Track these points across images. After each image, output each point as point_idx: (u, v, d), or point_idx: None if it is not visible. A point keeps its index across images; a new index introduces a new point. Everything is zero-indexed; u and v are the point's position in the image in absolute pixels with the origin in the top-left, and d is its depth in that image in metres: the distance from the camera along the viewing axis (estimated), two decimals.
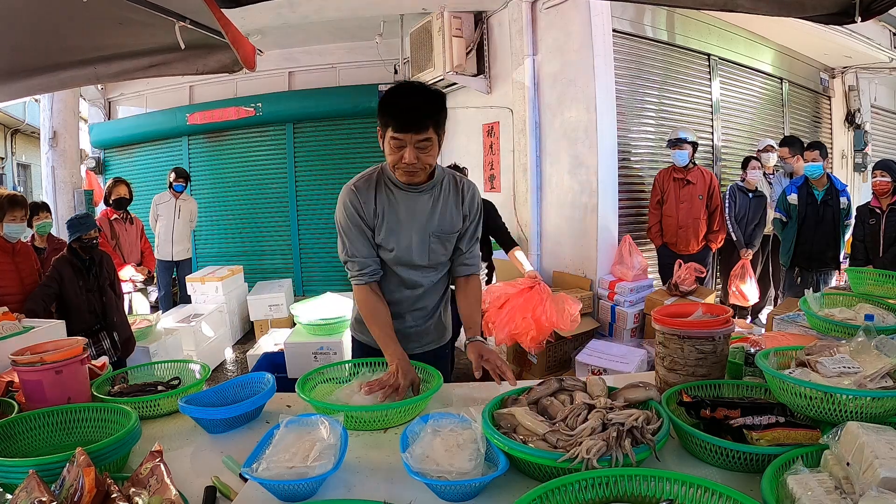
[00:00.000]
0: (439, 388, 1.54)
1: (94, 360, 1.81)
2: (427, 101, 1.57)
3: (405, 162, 1.57)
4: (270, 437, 1.22)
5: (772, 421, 1.15)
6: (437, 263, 1.78)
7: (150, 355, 3.94)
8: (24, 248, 3.29)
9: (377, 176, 1.72)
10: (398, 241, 1.71)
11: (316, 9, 5.24)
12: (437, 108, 1.59)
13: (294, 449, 1.16)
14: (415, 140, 1.55)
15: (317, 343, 3.51)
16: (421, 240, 1.72)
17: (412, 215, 1.70)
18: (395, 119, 1.54)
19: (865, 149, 7.04)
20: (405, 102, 1.55)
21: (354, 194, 1.68)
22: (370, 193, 1.69)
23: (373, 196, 1.69)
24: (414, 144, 1.56)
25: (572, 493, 0.97)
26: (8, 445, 1.30)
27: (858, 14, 1.69)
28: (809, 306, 1.80)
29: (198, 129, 7.07)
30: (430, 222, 1.72)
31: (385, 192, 1.70)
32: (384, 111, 1.56)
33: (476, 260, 1.86)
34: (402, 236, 1.71)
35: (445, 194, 1.74)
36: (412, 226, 1.71)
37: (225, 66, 2.21)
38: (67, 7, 1.84)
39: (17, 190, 11.11)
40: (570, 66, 4.33)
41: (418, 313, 1.84)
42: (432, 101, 1.58)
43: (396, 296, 1.79)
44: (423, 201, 1.71)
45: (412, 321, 1.84)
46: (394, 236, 1.70)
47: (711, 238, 4.55)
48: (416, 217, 1.70)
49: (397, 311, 1.80)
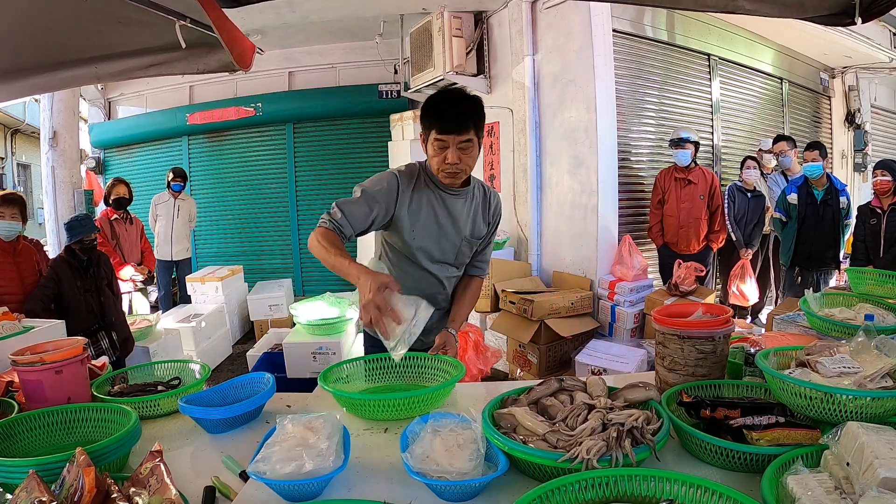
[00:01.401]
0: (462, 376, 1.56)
1: (94, 360, 1.81)
2: (468, 105, 1.65)
3: (448, 162, 1.64)
4: (271, 436, 1.22)
5: (772, 421, 1.15)
6: (461, 263, 1.90)
7: (149, 355, 3.94)
8: (25, 248, 3.29)
9: (419, 173, 1.77)
10: (435, 241, 1.78)
11: (316, 9, 5.24)
12: (478, 111, 1.67)
13: (297, 448, 1.16)
14: (457, 141, 1.63)
15: (316, 343, 3.51)
16: (454, 241, 1.81)
17: (450, 217, 1.78)
18: (439, 121, 1.62)
19: (865, 149, 7.04)
20: (448, 106, 1.64)
21: (396, 179, 1.71)
22: (410, 186, 1.73)
23: (410, 190, 1.73)
24: (456, 146, 1.63)
25: (572, 493, 0.97)
26: (8, 445, 1.30)
27: (858, 15, 1.69)
28: (809, 306, 1.80)
29: (198, 129, 7.07)
30: (466, 226, 1.82)
31: (426, 191, 1.75)
32: (428, 114, 1.65)
33: (486, 265, 1.98)
34: (439, 236, 1.78)
35: (477, 201, 1.84)
36: (449, 227, 1.78)
37: (226, 66, 2.21)
38: (67, 6, 1.84)
39: (18, 190, 11.12)
40: (570, 66, 4.33)
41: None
42: (473, 105, 1.66)
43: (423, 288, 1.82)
44: (460, 205, 1.79)
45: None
46: (431, 235, 1.77)
47: (712, 238, 4.55)
48: (454, 219, 1.79)
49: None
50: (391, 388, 1.70)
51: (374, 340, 1.92)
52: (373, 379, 1.73)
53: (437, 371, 1.70)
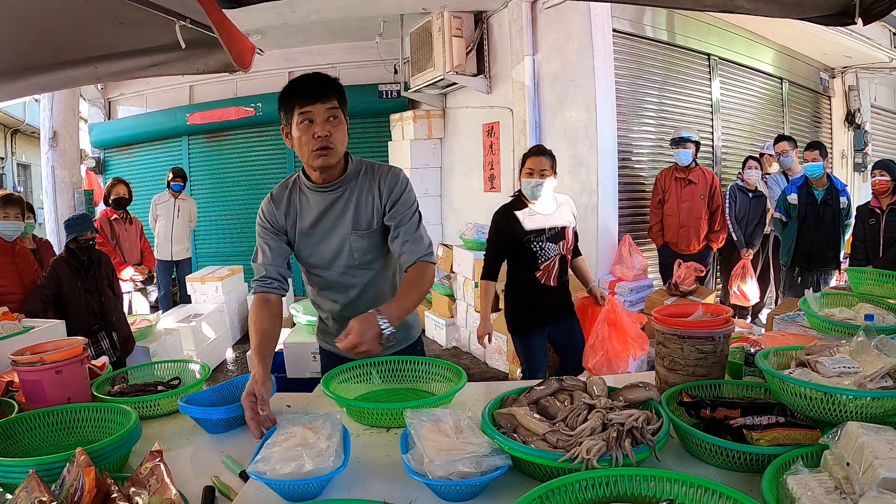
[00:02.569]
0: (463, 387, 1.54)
1: (94, 360, 1.81)
2: (327, 78, 1.60)
3: (318, 136, 1.55)
4: (271, 436, 1.22)
5: (772, 421, 1.15)
6: (367, 262, 1.72)
7: (149, 355, 3.94)
8: (24, 248, 3.29)
9: (293, 181, 1.72)
10: (317, 245, 1.70)
11: (316, 9, 5.24)
12: (338, 86, 1.62)
13: (297, 448, 1.16)
14: (323, 111, 1.55)
15: (316, 343, 3.50)
16: (341, 240, 1.69)
17: (327, 216, 1.68)
18: (300, 94, 1.56)
19: (865, 149, 7.04)
20: (307, 79, 1.59)
21: (269, 202, 1.70)
22: (283, 197, 1.69)
23: (286, 201, 1.69)
24: (324, 118, 1.56)
25: (572, 493, 0.97)
26: (8, 445, 1.30)
27: (858, 15, 1.69)
28: (809, 306, 1.80)
29: (198, 129, 7.07)
30: (344, 221, 1.67)
31: (301, 197, 1.69)
32: (289, 94, 1.59)
33: (419, 245, 1.67)
34: (320, 239, 1.69)
35: (361, 187, 1.69)
36: (329, 227, 1.68)
37: (226, 66, 2.21)
38: (67, 6, 1.84)
39: (17, 190, 11.12)
40: (570, 65, 4.33)
41: None
42: (333, 80, 1.61)
43: (338, 301, 1.77)
44: (331, 201, 1.68)
45: None
46: (312, 241, 1.69)
47: (712, 238, 4.55)
48: (331, 217, 1.68)
49: (343, 315, 1.74)
50: (391, 391, 1.69)
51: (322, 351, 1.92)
52: (372, 381, 1.72)
53: (438, 376, 1.69)
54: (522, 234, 2.70)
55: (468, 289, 4.79)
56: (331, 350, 1.85)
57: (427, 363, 1.71)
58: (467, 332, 4.97)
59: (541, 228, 2.70)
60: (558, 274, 2.75)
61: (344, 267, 1.71)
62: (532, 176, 2.67)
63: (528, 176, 2.68)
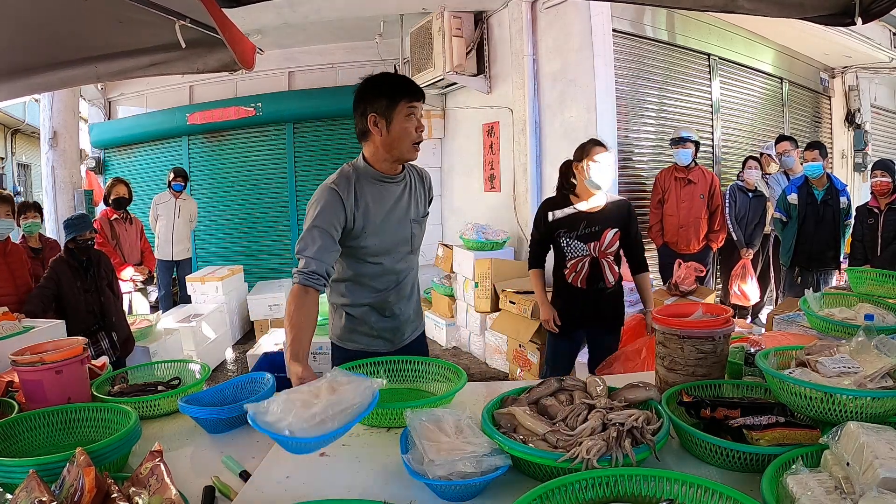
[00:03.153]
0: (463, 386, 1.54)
1: (94, 360, 1.81)
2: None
3: (419, 130, 1.69)
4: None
5: (772, 421, 1.15)
6: (417, 247, 1.88)
7: (150, 355, 3.94)
8: (16, 248, 3.27)
9: (354, 173, 1.75)
10: (387, 233, 1.76)
11: (316, 9, 5.24)
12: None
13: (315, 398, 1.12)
14: (420, 109, 1.70)
15: (316, 343, 3.51)
16: (403, 227, 1.80)
17: (393, 206, 1.77)
18: (408, 87, 1.67)
19: (865, 149, 7.04)
20: (405, 77, 1.74)
21: (336, 192, 1.68)
22: (350, 190, 1.71)
23: (352, 193, 1.71)
24: (418, 116, 1.69)
25: (572, 493, 0.97)
26: (8, 445, 1.30)
27: (858, 15, 1.69)
28: (809, 306, 1.80)
29: (198, 129, 7.07)
30: (410, 209, 1.82)
31: (366, 188, 1.73)
32: (393, 86, 1.67)
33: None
34: (391, 227, 1.77)
35: (414, 182, 1.86)
36: (395, 215, 1.78)
37: (226, 65, 2.21)
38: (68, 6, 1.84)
39: (18, 190, 11.12)
40: (570, 65, 4.33)
41: (404, 302, 1.90)
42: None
43: (387, 288, 1.83)
44: (400, 191, 1.80)
45: (402, 310, 1.89)
46: (379, 228, 1.74)
47: (712, 238, 4.55)
48: (397, 207, 1.78)
49: (388, 302, 1.84)
50: (391, 391, 1.70)
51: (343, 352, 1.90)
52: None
53: (438, 376, 1.69)
54: (553, 228, 2.63)
55: (468, 289, 4.80)
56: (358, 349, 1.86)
57: (427, 363, 1.72)
58: (467, 332, 4.97)
59: (573, 224, 2.60)
60: (588, 276, 2.60)
61: (403, 253, 1.83)
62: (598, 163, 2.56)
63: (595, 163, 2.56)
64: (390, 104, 1.65)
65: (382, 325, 1.86)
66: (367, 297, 1.83)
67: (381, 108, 1.66)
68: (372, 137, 1.70)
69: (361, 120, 1.70)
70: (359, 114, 1.70)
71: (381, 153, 1.72)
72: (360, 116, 1.70)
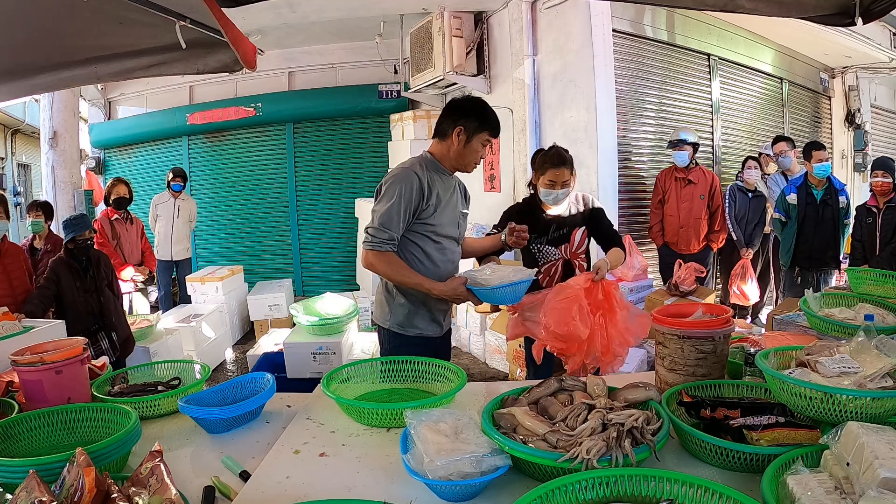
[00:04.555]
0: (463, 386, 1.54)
1: (94, 361, 1.81)
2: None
3: (482, 157, 2.10)
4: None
5: (772, 421, 1.15)
6: (462, 238, 2.19)
7: (150, 355, 3.94)
8: (13, 248, 3.25)
9: (427, 165, 2.04)
10: (450, 218, 2.07)
11: (316, 9, 5.24)
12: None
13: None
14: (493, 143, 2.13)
15: (316, 343, 3.51)
16: (456, 216, 2.11)
17: (450, 197, 2.07)
18: (494, 127, 2.07)
19: (865, 149, 7.04)
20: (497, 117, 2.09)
21: (417, 177, 1.95)
22: (425, 177, 1.98)
23: (427, 180, 1.99)
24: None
25: (572, 493, 0.97)
26: (8, 445, 1.30)
27: (858, 15, 1.69)
28: (809, 306, 1.80)
29: (198, 129, 7.07)
30: (458, 204, 2.13)
31: (435, 178, 2.02)
32: (487, 119, 2.04)
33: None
34: (452, 212, 2.07)
35: (459, 183, 2.20)
36: (451, 205, 2.08)
37: (225, 66, 2.21)
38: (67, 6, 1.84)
39: (18, 190, 11.12)
40: (570, 66, 4.33)
41: None
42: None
43: (445, 270, 2.08)
44: (454, 186, 2.12)
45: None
46: (449, 214, 2.05)
47: (712, 238, 4.55)
48: (452, 198, 2.09)
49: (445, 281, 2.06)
50: (391, 391, 1.70)
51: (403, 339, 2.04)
52: (374, 382, 1.72)
53: (438, 376, 1.69)
54: None
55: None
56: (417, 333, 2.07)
57: (427, 363, 1.72)
58: (467, 332, 4.97)
59: (544, 229, 2.57)
60: (562, 279, 2.50)
61: (456, 239, 2.14)
62: (554, 187, 2.50)
63: (550, 187, 2.50)
64: (478, 128, 2.01)
65: (439, 307, 2.09)
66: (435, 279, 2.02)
67: (471, 127, 2.00)
68: (449, 141, 2.02)
69: (450, 124, 2.01)
70: (450, 119, 2.02)
71: (449, 156, 2.04)
72: (450, 121, 2.02)
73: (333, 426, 1.45)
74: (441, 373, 1.68)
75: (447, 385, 1.62)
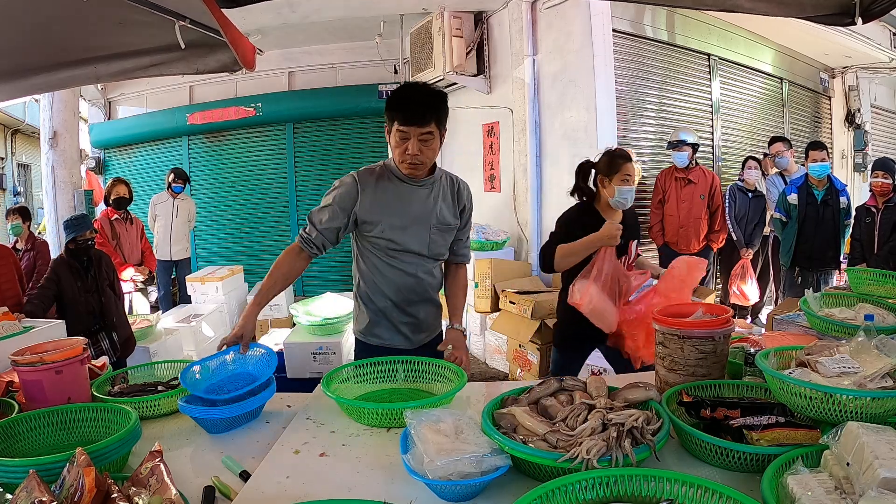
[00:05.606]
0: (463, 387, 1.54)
1: (94, 361, 1.81)
2: (430, 99, 1.73)
3: (409, 153, 1.71)
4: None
5: (772, 421, 1.15)
6: (437, 254, 1.90)
7: (150, 355, 3.94)
8: (2, 249, 3.25)
9: (380, 169, 1.84)
10: (403, 231, 1.81)
11: (316, 9, 5.24)
12: (439, 105, 1.74)
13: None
14: (418, 133, 1.69)
15: (316, 343, 3.51)
16: (422, 230, 1.84)
17: (413, 207, 1.82)
18: (400, 113, 1.69)
19: (865, 149, 7.04)
20: (411, 99, 1.71)
21: (354, 179, 1.79)
22: (371, 182, 1.80)
23: (374, 185, 1.79)
24: (417, 137, 1.69)
25: (572, 493, 0.97)
26: (8, 445, 1.30)
27: (858, 15, 1.69)
28: (809, 306, 1.80)
29: (198, 129, 7.07)
30: (431, 215, 1.84)
31: (390, 184, 1.81)
32: (391, 106, 1.71)
33: (468, 251, 2.05)
34: (408, 226, 1.82)
35: (444, 191, 1.89)
36: (413, 217, 1.82)
37: (225, 66, 2.21)
38: (67, 6, 1.85)
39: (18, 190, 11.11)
40: (570, 66, 4.33)
41: (424, 305, 1.93)
42: (434, 99, 1.74)
43: (406, 285, 1.87)
44: (424, 195, 1.84)
45: (419, 311, 1.92)
46: (396, 226, 1.80)
47: (712, 238, 4.56)
48: (417, 209, 1.83)
49: (409, 300, 1.89)
50: (391, 391, 1.70)
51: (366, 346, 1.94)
52: (374, 382, 1.72)
53: (438, 376, 1.69)
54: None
55: (468, 289, 4.79)
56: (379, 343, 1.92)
57: (427, 363, 1.72)
58: (467, 332, 4.97)
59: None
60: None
61: (420, 256, 1.86)
62: (629, 182, 2.27)
63: (626, 183, 2.26)
64: (388, 119, 1.73)
65: (402, 319, 1.91)
66: (391, 292, 1.88)
67: (387, 120, 1.74)
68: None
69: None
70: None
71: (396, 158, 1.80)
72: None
73: (333, 426, 1.45)
74: (441, 373, 1.68)
75: (447, 385, 1.62)
